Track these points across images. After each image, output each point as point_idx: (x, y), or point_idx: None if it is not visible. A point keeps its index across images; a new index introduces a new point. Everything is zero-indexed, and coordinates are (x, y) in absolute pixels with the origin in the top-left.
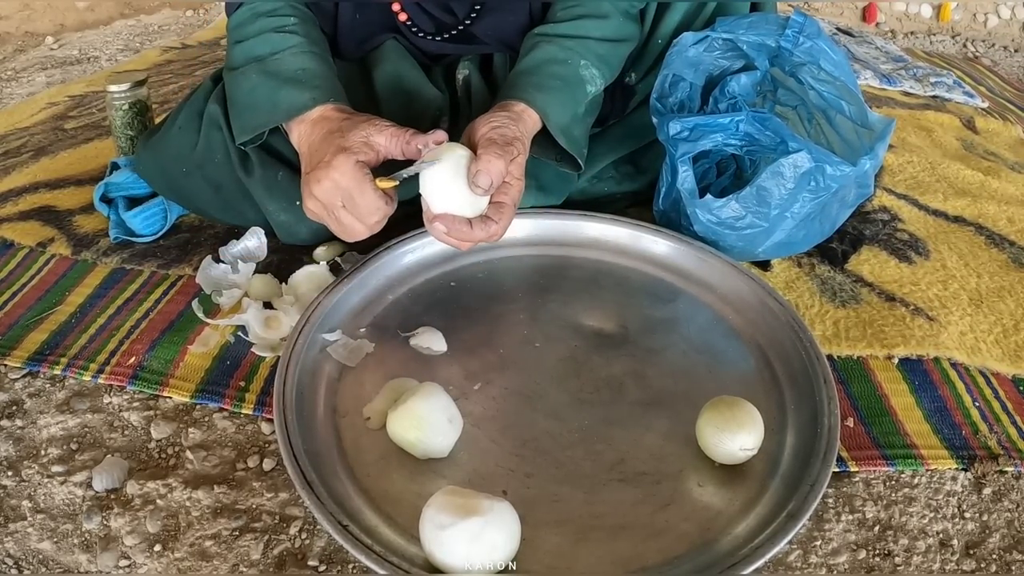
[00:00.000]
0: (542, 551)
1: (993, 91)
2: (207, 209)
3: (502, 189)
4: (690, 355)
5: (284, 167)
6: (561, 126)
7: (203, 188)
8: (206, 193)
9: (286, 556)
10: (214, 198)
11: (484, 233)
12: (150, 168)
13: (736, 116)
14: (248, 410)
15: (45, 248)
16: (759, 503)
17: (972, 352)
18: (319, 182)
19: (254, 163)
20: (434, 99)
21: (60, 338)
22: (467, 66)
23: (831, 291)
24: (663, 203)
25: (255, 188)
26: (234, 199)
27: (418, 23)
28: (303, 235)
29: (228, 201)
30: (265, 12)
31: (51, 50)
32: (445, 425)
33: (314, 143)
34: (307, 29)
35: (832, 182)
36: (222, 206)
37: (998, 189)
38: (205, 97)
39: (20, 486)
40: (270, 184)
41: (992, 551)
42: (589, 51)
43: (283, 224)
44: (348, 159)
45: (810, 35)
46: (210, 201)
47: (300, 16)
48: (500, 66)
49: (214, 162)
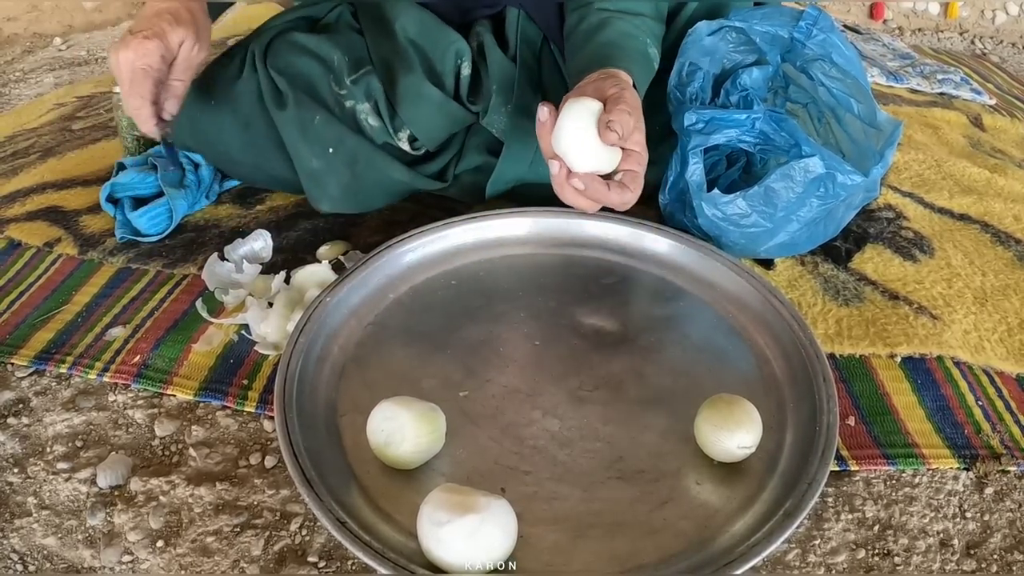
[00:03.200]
0: (540, 548)
1: (1001, 88)
2: (230, 150)
3: (633, 158)
4: (689, 353)
5: (322, 110)
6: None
7: (231, 124)
8: (234, 128)
9: (286, 552)
10: (241, 135)
11: (619, 198)
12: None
13: (753, 113)
14: (251, 408)
15: (52, 248)
16: (757, 501)
17: (976, 351)
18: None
19: (290, 100)
20: (455, 40)
21: (66, 337)
22: (480, 33)
23: (834, 289)
24: (669, 193)
25: (288, 127)
26: (261, 140)
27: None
28: (332, 190)
29: (255, 142)
30: None
31: (59, 51)
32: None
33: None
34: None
35: (842, 190)
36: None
37: (1005, 187)
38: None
39: (26, 483)
40: (304, 125)
41: (993, 551)
42: (650, 31)
43: (313, 174)
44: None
45: (823, 28)
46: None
47: None
48: (512, 30)
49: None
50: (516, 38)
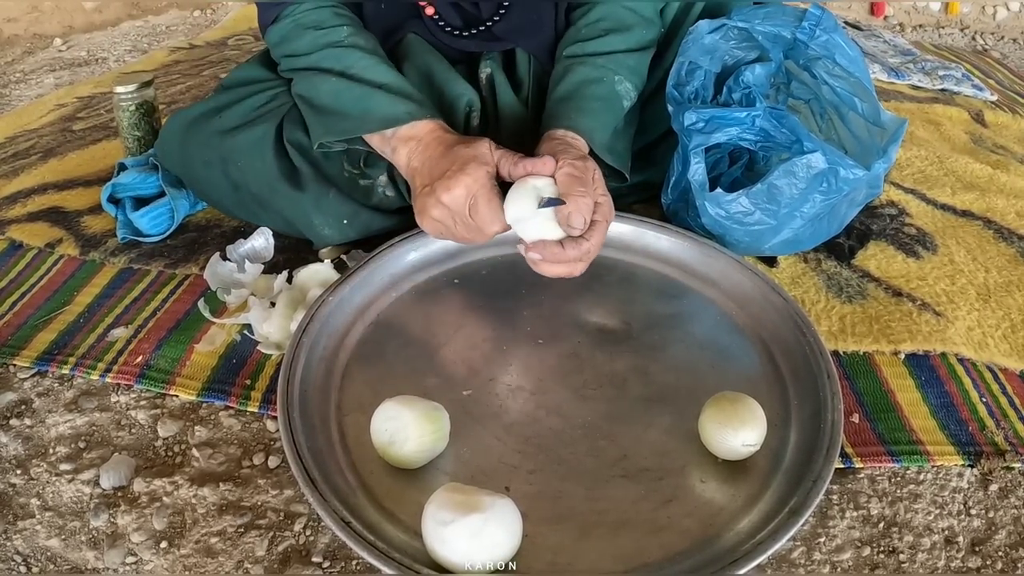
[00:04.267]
0: (544, 547)
1: (1002, 84)
2: (221, 201)
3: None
4: (693, 351)
5: (334, 188)
6: (605, 145)
7: (221, 182)
8: (222, 188)
9: (290, 553)
10: (231, 195)
11: (576, 252)
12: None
13: (753, 111)
14: (254, 408)
15: (53, 249)
16: (762, 499)
17: (980, 347)
18: (449, 190)
19: (307, 179)
20: (464, 93)
21: (68, 338)
22: (490, 64)
23: (837, 287)
24: (672, 193)
25: (303, 202)
26: (251, 202)
27: (446, 18)
28: (335, 242)
29: (245, 203)
30: (311, 24)
31: (59, 52)
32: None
33: (432, 158)
34: (364, 38)
35: (844, 185)
36: (236, 203)
37: (1007, 183)
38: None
39: (29, 484)
40: (319, 201)
41: (998, 548)
42: (621, 65)
43: (324, 237)
44: (480, 167)
45: (826, 29)
46: (225, 196)
47: (350, 24)
48: (523, 64)
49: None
50: (529, 79)
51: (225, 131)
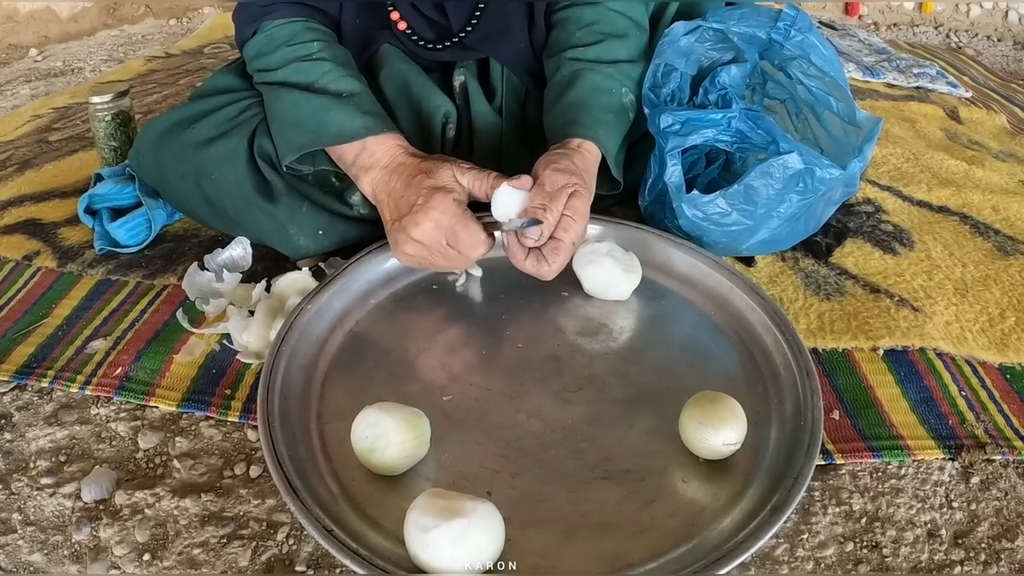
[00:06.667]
0: (528, 551)
1: (977, 81)
2: (196, 211)
3: (562, 225)
4: (673, 352)
5: (307, 201)
6: (614, 157)
7: (195, 195)
8: (196, 199)
9: (274, 562)
10: (205, 207)
11: (533, 268)
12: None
13: (729, 113)
14: (234, 418)
15: (31, 261)
16: (744, 497)
17: (958, 341)
18: (418, 225)
19: (280, 192)
20: (442, 105)
21: (47, 351)
22: (463, 72)
23: (815, 284)
24: (649, 195)
25: (278, 215)
26: (226, 215)
27: (419, 32)
28: (311, 253)
29: (219, 215)
30: (284, 40)
31: (35, 62)
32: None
33: (396, 189)
34: (334, 52)
35: (821, 184)
36: (211, 214)
37: (982, 178)
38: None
39: (10, 499)
40: (294, 214)
41: (980, 540)
42: (626, 76)
43: (298, 247)
44: (446, 197)
45: (801, 29)
46: (200, 207)
47: (322, 39)
48: (496, 73)
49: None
50: (502, 88)
51: (199, 144)
